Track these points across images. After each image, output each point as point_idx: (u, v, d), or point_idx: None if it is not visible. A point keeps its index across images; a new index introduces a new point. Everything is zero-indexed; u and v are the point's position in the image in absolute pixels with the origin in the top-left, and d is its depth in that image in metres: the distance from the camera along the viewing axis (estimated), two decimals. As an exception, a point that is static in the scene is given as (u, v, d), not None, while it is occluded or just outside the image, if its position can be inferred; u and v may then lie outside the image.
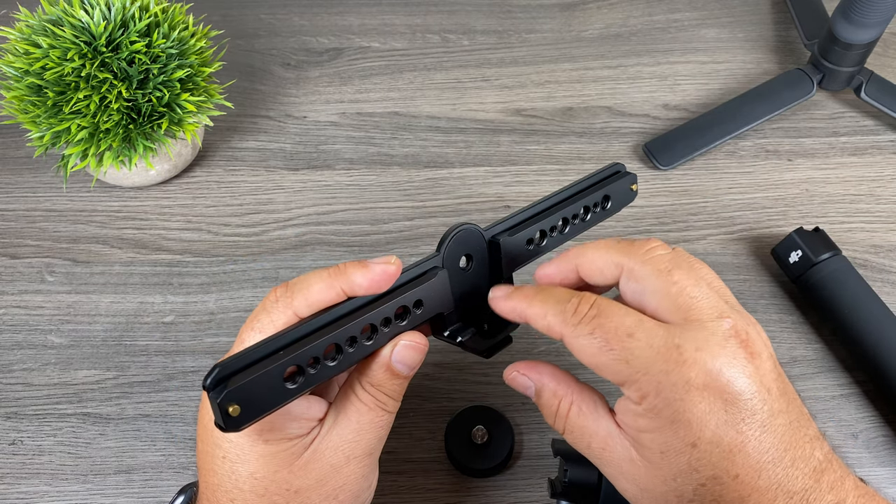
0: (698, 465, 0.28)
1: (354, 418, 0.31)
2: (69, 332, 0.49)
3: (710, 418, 0.27)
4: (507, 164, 0.58)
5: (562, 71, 0.64)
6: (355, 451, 0.31)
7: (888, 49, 0.65)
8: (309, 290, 0.30)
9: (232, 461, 0.30)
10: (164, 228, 0.54)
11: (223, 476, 0.31)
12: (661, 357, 0.28)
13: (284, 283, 0.31)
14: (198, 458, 0.32)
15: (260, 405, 0.27)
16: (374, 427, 0.32)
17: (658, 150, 0.57)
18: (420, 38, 0.66)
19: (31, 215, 0.55)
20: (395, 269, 0.31)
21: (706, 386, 0.27)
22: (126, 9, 0.48)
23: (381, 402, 0.31)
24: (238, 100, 0.61)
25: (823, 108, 0.61)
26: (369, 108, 0.61)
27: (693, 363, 0.27)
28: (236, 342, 0.31)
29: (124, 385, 0.47)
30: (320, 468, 0.31)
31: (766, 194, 0.56)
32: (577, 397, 0.31)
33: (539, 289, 0.32)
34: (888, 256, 0.52)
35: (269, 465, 0.30)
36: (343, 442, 0.31)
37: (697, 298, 0.29)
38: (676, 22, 0.68)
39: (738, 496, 0.27)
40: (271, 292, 0.31)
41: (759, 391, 0.28)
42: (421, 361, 0.32)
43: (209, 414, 0.31)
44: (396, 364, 0.31)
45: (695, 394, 0.27)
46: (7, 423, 0.45)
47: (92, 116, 0.48)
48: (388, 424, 0.32)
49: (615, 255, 0.31)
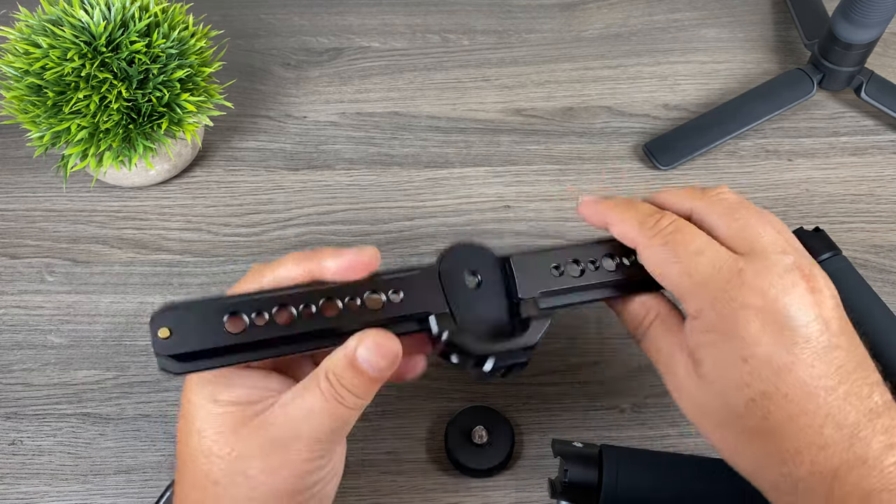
0: (749, 379, 0.29)
1: (309, 400, 0.30)
2: (69, 332, 0.49)
3: (763, 337, 0.29)
4: (507, 164, 0.58)
5: (562, 71, 0.64)
6: (302, 431, 0.30)
7: (888, 49, 0.65)
8: (279, 266, 0.32)
9: (187, 420, 0.32)
10: (164, 228, 0.54)
11: (183, 434, 0.32)
12: (723, 276, 0.30)
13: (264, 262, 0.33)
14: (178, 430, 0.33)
15: (194, 338, 0.27)
16: (327, 415, 0.30)
17: (658, 150, 0.57)
18: (420, 38, 0.66)
19: (31, 215, 0.55)
20: (368, 259, 0.31)
21: (762, 308, 0.29)
22: (126, 9, 0.48)
23: (339, 395, 0.30)
24: (238, 100, 0.61)
25: (823, 108, 0.61)
26: (369, 108, 0.61)
27: (752, 287, 0.29)
28: None
29: (124, 385, 0.47)
30: (264, 438, 0.30)
31: (766, 194, 0.56)
32: (663, 311, 0.34)
33: (626, 200, 0.35)
34: (888, 256, 0.52)
35: (215, 424, 0.30)
36: (291, 419, 0.30)
37: (761, 234, 0.31)
38: (676, 22, 0.68)
39: (786, 415, 0.28)
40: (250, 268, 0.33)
41: (815, 321, 0.29)
42: (388, 367, 0.31)
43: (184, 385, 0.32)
44: (361, 361, 0.30)
45: (750, 312, 0.29)
46: (7, 424, 0.45)
47: (92, 116, 0.48)
48: (347, 419, 0.31)
49: (686, 200, 0.34)
